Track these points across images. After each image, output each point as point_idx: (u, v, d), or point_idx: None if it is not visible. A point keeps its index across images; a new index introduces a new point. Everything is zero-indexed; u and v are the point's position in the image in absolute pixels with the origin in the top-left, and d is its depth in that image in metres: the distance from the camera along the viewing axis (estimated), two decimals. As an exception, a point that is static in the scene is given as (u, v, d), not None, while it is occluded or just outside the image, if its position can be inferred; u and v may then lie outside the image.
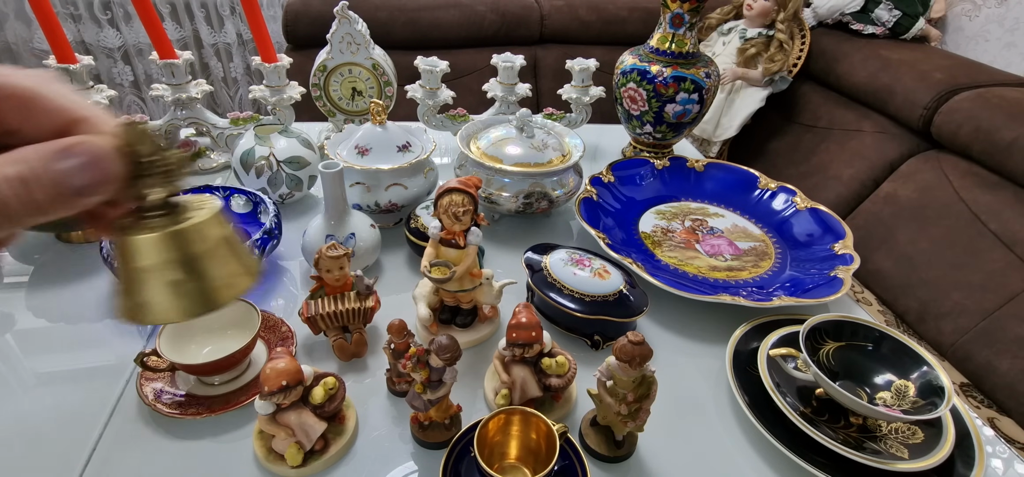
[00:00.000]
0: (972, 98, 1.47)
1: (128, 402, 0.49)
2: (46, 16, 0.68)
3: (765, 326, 0.60)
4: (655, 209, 0.82)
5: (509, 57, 0.90)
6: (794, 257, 0.74)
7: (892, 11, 1.82)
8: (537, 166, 0.72)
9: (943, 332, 1.29)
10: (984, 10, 1.88)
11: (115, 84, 2.14)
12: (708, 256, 0.73)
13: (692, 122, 0.89)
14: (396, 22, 1.84)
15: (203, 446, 0.46)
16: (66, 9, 1.97)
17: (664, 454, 0.49)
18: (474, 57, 1.86)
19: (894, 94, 1.63)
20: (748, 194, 0.85)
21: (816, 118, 1.87)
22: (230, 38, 2.22)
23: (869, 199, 1.62)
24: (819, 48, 1.90)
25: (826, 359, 0.54)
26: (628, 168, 0.86)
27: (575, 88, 0.94)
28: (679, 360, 0.58)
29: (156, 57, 0.78)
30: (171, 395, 0.49)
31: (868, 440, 0.49)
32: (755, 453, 0.50)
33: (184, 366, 0.48)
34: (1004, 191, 1.36)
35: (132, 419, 0.48)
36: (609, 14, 2.02)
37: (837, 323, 0.54)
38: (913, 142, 1.61)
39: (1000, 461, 0.50)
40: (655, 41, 0.87)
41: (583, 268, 0.59)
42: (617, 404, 0.44)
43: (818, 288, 0.65)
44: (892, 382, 0.52)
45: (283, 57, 0.83)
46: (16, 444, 0.46)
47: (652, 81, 0.85)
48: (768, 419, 0.49)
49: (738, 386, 0.52)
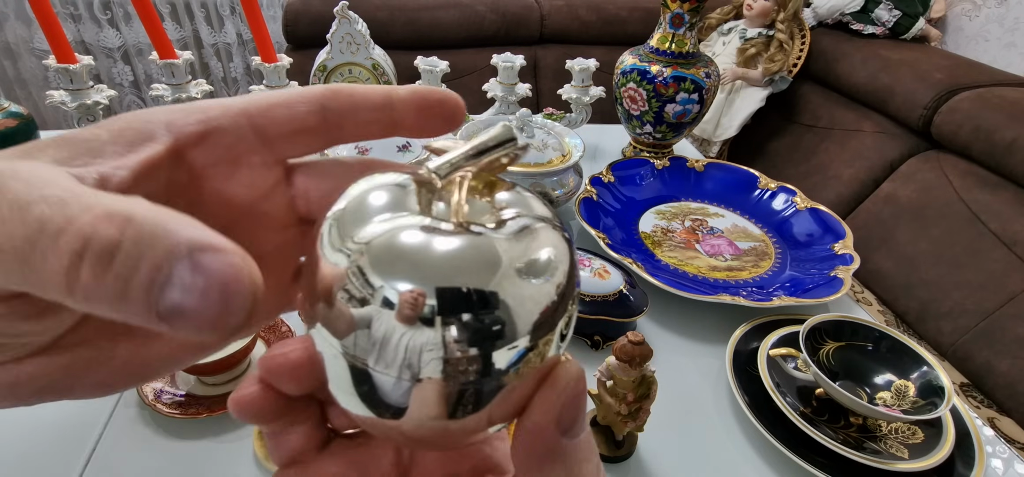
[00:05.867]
0: (972, 98, 1.47)
1: (128, 402, 0.49)
2: (46, 16, 0.68)
3: (765, 326, 0.60)
4: (655, 209, 0.82)
5: (509, 57, 0.90)
6: (794, 257, 0.74)
7: (892, 11, 1.82)
8: (537, 166, 0.72)
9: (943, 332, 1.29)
10: (984, 10, 1.88)
11: (115, 84, 2.14)
12: (708, 256, 0.73)
13: (692, 122, 0.89)
14: (396, 22, 1.84)
15: (203, 446, 0.46)
16: (66, 9, 1.97)
17: (664, 454, 0.49)
18: (474, 57, 1.86)
19: (894, 94, 1.63)
20: (748, 194, 0.85)
21: (816, 118, 1.87)
22: (230, 38, 2.22)
23: (869, 199, 1.62)
24: (819, 48, 1.90)
25: (826, 359, 0.54)
26: (628, 168, 0.86)
27: (575, 88, 0.94)
28: (679, 360, 0.58)
29: (156, 57, 0.78)
30: (171, 395, 0.49)
31: (868, 440, 0.49)
32: (755, 453, 0.50)
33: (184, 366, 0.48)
34: (1004, 191, 1.36)
35: (132, 419, 0.48)
36: (609, 14, 2.02)
37: (837, 323, 0.54)
38: (913, 142, 1.61)
39: (1000, 461, 0.50)
40: (655, 41, 0.87)
41: (583, 268, 0.59)
42: (617, 404, 0.44)
43: (818, 288, 0.65)
44: (892, 382, 0.52)
45: (283, 57, 0.83)
46: (15, 444, 0.46)
47: (652, 81, 0.85)
48: (768, 419, 0.49)
49: (738, 386, 0.52)
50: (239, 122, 0.16)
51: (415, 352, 0.12)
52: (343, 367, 0.13)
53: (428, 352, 0.12)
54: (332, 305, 0.13)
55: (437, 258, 0.13)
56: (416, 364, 0.12)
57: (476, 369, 0.13)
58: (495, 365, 0.13)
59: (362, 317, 0.13)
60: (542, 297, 0.13)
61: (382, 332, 0.12)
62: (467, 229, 0.13)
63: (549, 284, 0.13)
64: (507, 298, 0.13)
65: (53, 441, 0.46)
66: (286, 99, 0.17)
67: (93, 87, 0.77)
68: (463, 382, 0.13)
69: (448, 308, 0.12)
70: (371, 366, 0.13)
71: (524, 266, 0.13)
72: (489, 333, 0.12)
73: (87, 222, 0.10)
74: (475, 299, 0.12)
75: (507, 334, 0.13)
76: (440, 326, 0.12)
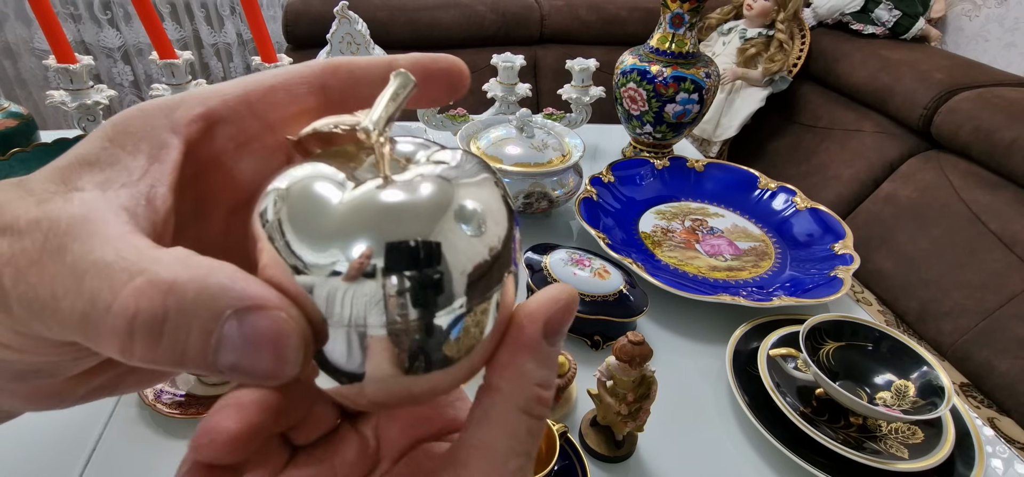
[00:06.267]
0: (972, 98, 1.47)
1: (128, 402, 0.49)
2: (46, 16, 0.68)
3: (765, 326, 0.60)
4: (655, 209, 0.82)
5: (509, 57, 0.90)
6: (794, 257, 0.74)
7: (892, 11, 1.82)
8: (537, 166, 0.72)
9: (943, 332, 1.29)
10: (984, 10, 1.88)
11: (115, 84, 2.14)
12: (708, 256, 0.73)
13: (692, 122, 0.89)
14: (396, 22, 1.84)
15: (203, 446, 0.46)
16: (66, 9, 1.97)
17: (664, 454, 0.49)
18: (474, 57, 1.85)
19: (894, 94, 1.63)
20: (748, 194, 0.85)
21: (816, 118, 1.87)
22: (230, 38, 2.23)
23: (869, 199, 1.62)
24: (819, 48, 1.90)
25: (826, 359, 0.54)
26: (628, 168, 0.86)
27: (575, 88, 0.94)
28: (679, 360, 0.58)
29: (156, 57, 0.78)
30: (171, 395, 0.49)
31: (868, 440, 0.49)
32: (755, 453, 0.50)
33: (184, 366, 0.48)
34: (1004, 191, 1.36)
35: (132, 419, 0.48)
36: (609, 14, 2.02)
37: (837, 323, 0.54)
38: (913, 142, 1.61)
39: (1000, 461, 0.50)
40: (655, 41, 0.87)
41: (583, 268, 0.59)
42: (617, 404, 0.44)
43: (818, 288, 0.65)
44: (892, 382, 0.52)
45: (283, 57, 0.83)
46: (15, 444, 0.46)
47: (652, 81, 0.85)
48: (768, 419, 0.49)
49: (738, 386, 0.52)
50: (240, 111, 0.16)
51: (360, 307, 0.12)
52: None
53: (373, 306, 0.12)
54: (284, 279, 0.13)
55: (371, 213, 0.13)
56: (362, 319, 0.12)
57: (420, 317, 0.13)
58: (440, 312, 0.13)
59: (307, 284, 0.12)
60: (482, 244, 0.13)
61: (326, 292, 0.12)
62: (398, 182, 0.13)
63: (486, 231, 0.13)
64: (444, 242, 0.13)
65: (53, 442, 0.46)
66: (286, 80, 0.16)
67: (93, 87, 0.77)
68: (410, 332, 0.13)
69: (391, 263, 0.12)
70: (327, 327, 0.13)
71: (460, 212, 0.13)
72: (430, 281, 0.13)
73: (131, 297, 0.11)
74: (414, 249, 0.12)
75: (446, 282, 0.13)
76: (381, 278, 0.12)
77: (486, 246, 0.13)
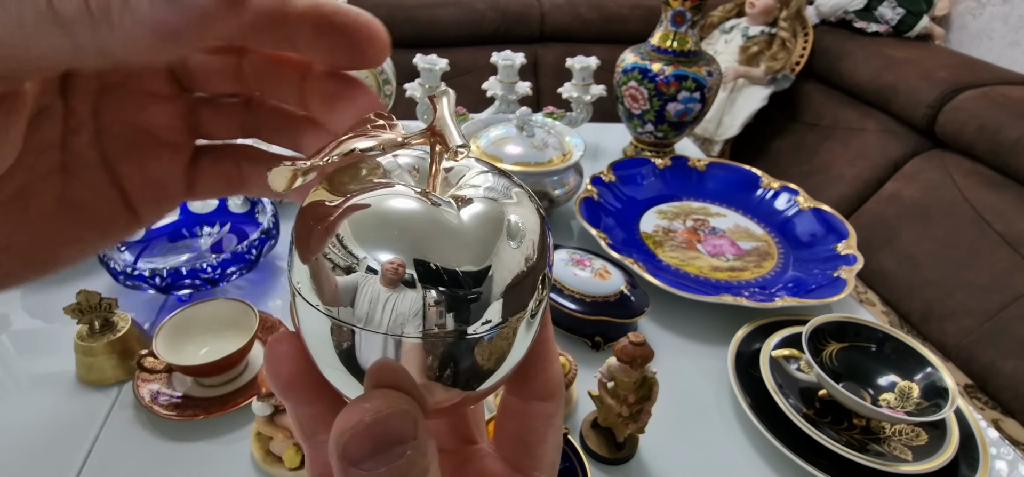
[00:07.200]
0: (976, 97, 1.46)
1: (124, 403, 0.49)
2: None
3: (767, 327, 0.59)
4: (656, 209, 0.82)
5: (509, 55, 0.90)
6: (797, 257, 0.73)
7: (896, 9, 1.81)
8: (537, 165, 0.71)
9: (947, 333, 1.28)
10: (988, 8, 1.87)
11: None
12: (710, 256, 0.73)
13: (694, 121, 0.89)
14: (395, 20, 1.83)
15: (200, 448, 0.46)
16: None
17: (665, 456, 0.48)
18: (474, 55, 1.85)
19: (898, 93, 1.62)
20: (750, 194, 0.85)
21: (819, 117, 1.86)
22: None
23: (872, 199, 1.61)
24: (822, 46, 1.89)
25: (829, 360, 0.53)
26: (629, 167, 0.86)
27: (576, 87, 0.94)
28: (681, 361, 0.58)
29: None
30: (168, 397, 0.49)
31: (872, 442, 0.48)
32: (757, 455, 0.49)
33: (181, 367, 0.48)
34: (1009, 191, 1.35)
35: (128, 421, 0.48)
36: (610, 12, 2.01)
37: (840, 324, 0.54)
38: (917, 141, 1.60)
39: (1005, 463, 0.50)
40: (656, 39, 0.87)
41: (584, 268, 0.59)
42: (618, 405, 0.44)
43: (821, 289, 0.64)
44: (896, 383, 0.51)
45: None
46: (12, 446, 0.46)
47: (653, 80, 0.85)
48: (771, 421, 0.49)
49: (740, 387, 0.52)
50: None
51: (400, 314, 0.13)
52: (329, 336, 0.14)
53: (412, 314, 0.13)
54: (320, 276, 0.13)
55: (416, 227, 0.13)
56: (400, 325, 0.13)
57: (455, 329, 0.13)
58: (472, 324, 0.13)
59: (348, 284, 0.13)
60: (519, 261, 0.14)
61: (367, 296, 0.13)
62: (448, 200, 0.14)
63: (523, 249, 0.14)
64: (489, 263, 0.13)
65: (49, 443, 0.46)
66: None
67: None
68: (446, 341, 0.13)
69: (427, 276, 0.13)
70: (359, 330, 0.13)
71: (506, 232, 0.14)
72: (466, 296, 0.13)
73: None
74: (453, 268, 0.13)
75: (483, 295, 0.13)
76: (420, 289, 0.13)
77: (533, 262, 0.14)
